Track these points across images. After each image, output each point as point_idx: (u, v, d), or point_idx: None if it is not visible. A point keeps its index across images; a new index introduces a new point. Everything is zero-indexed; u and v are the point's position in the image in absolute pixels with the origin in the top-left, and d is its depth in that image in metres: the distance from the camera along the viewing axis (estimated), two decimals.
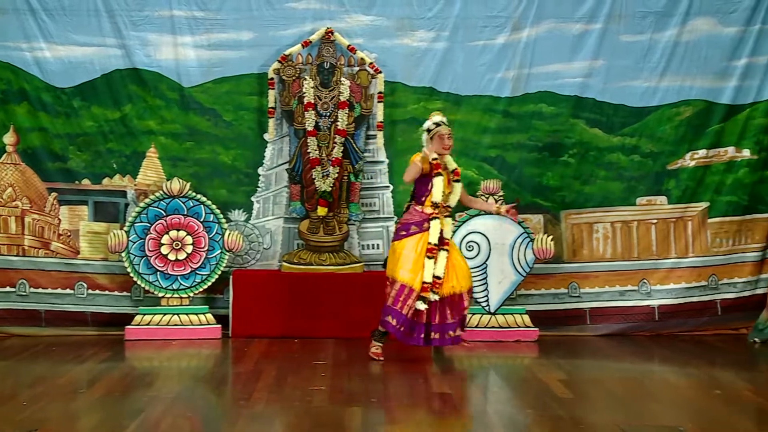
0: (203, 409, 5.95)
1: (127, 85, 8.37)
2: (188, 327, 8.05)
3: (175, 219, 8.17)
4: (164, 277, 8.12)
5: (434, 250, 6.96)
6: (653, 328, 8.46)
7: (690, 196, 8.53)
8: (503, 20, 8.48)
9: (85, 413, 5.68)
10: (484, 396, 6.46)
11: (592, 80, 8.49)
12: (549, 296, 8.49)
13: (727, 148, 8.55)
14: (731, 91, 8.50)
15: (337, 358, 7.25)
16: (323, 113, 8.38)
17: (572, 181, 8.52)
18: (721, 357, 7.71)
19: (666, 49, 8.48)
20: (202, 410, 5.92)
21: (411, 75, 8.51)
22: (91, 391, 6.15)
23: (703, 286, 8.51)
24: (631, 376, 6.89)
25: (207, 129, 8.50)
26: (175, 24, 8.40)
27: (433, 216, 7.02)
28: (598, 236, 8.55)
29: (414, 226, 7.06)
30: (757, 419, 5.73)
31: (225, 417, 5.72)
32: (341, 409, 5.66)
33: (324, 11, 8.48)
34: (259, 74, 8.44)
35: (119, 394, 6.07)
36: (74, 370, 6.83)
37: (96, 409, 5.74)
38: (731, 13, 8.46)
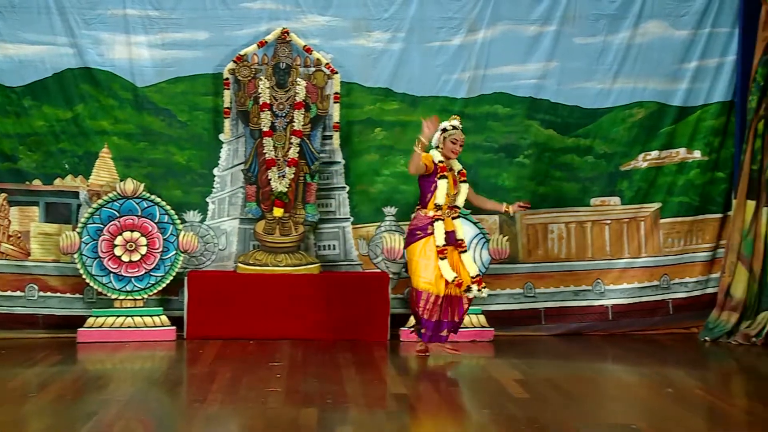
0: (157, 412, 5.89)
1: (79, 84, 8.27)
2: (142, 329, 7.97)
3: (129, 220, 8.08)
4: (118, 279, 8.03)
5: (444, 251, 7.08)
6: (607, 328, 8.54)
7: (643, 196, 8.62)
8: (459, 21, 8.50)
9: (36, 417, 5.59)
10: (440, 396, 6.46)
11: (547, 82, 8.55)
12: (504, 296, 8.53)
13: (678, 149, 8.66)
14: (682, 94, 8.61)
15: (293, 359, 7.22)
16: (279, 114, 8.34)
17: (527, 181, 8.57)
18: (673, 356, 7.80)
19: (619, 52, 8.56)
20: (156, 412, 5.86)
21: (367, 76, 8.50)
22: (41, 394, 6.06)
23: (655, 285, 8.61)
24: (586, 376, 6.94)
25: (161, 129, 8.42)
26: (129, 23, 8.32)
27: (436, 218, 7.12)
28: (552, 236, 8.61)
29: (419, 231, 7.19)
30: (708, 417, 5.81)
31: (179, 419, 5.67)
32: (296, 411, 5.63)
33: (280, 11, 8.44)
34: (215, 74, 8.39)
35: (71, 397, 5.98)
36: (24, 373, 6.72)
37: (47, 413, 5.65)
38: (682, 16, 8.57)
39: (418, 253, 7.14)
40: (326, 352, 7.48)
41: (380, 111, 8.55)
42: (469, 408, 6.03)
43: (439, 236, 7.10)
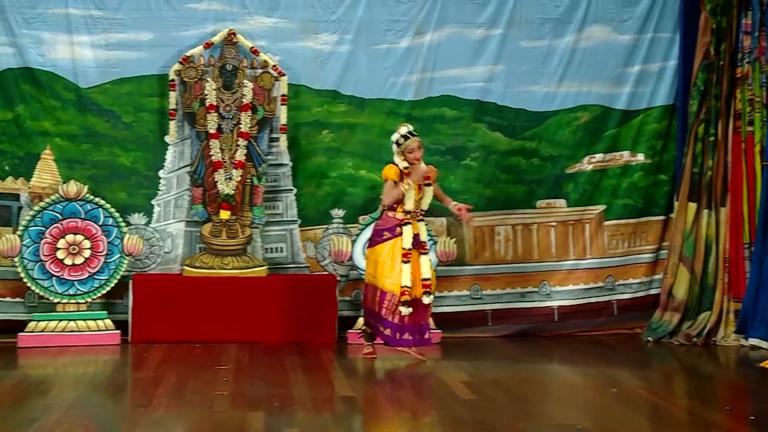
0: (101, 417, 5.80)
1: (19, 84, 8.13)
2: (86, 333, 7.86)
3: (72, 223, 7.96)
4: (60, 283, 7.91)
5: (409, 254, 7.08)
6: (553, 329, 8.61)
7: (587, 199, 8.72)
8: (406, 24, 8.53)
9: None
10: (387, 398, 6.46)
11: (494, 85, 8.61)
12: (452, 298, 8.56)
13: (622, 152, 8.77)
14: (626, 97, 8.72)
15: (239, 362, 7.18)
16: (226, 116, 8.29)
17: (474, 184, 8.62)
18: (617, 356, 7.90)
19: (564, 55, 8.66)
20: (99, 418, 5.77)
21: (315, 78, 8.48)
22: None
23: (600, 287, 8.71)
24: (532, 377, 6.99)
25: (105, 131, 8.31)
26: (71, 23, 8.21)
27: (405, 221, 7.12)
28: (499, 239, 8.67)
29: (387, 232, 7.17)
30: (651, 416, 5.88)
31: (123, 424, 5.59)
32: (243, 414, 5.59)
33: (226, 12, 8.38)
34: (160, 75, 8.30)
35: (11, 403, 5.87)
36: None
37: None
38: (625, 21, 8.69)
39: (384, 254, 7.13)
40: (273, 355, 7.44)
41: (328, 113, 8.54)
42: (417, 410, 6.03)
43: (407, 240, 7.11)
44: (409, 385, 6.86)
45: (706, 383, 7.01)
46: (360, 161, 8.56)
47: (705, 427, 5.54)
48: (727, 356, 7.80)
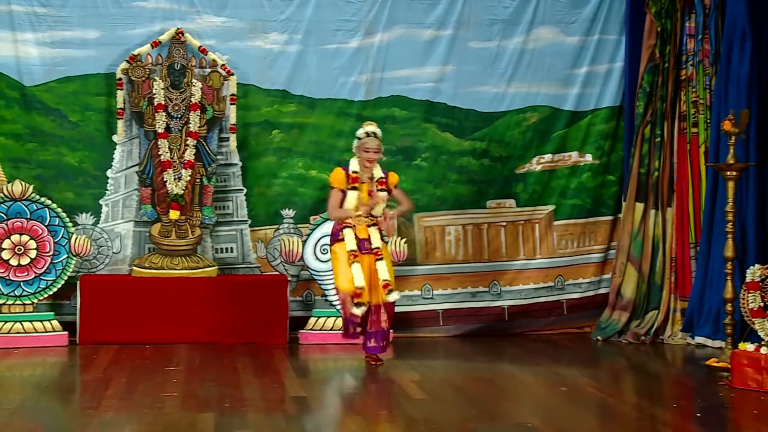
0: (48, 420, 5.73)
1: None
2: (32, 335, 7.75)
3: (18, 223, 7.85)
4: (5, 283, 7.79)
5: (356, 254, 6.97)
6: (504, 328, 8.68)
7: (537, 199, 8.80)
8: (355, 24, 8.53)
9: None
10: (338, 398, 6.47)
11: (443, 85, 8.65)
12: (403, 298, 8.50)
13: (571, 153, 8.87)
14: (574, 98, 8.82)
15: (190, 363, 7.13)
16: (174, 115, 8.22)
17: (425, 184, 8.66)
18: (567, 355, 7.99)
19: (513, 57, 8.73)
20: (46, 420, 5.70)
21: (264, 77, 8.46)
22: None
23: (550, 286, 8.79)
24: (483, 376, 7.04)
25: (51, 130, 8.20)
26: (15, 20, 8.10)
27: (345, 225, 7.04)
28: (450, 239, 8.71)
29: (340, 232, 7.10)
30: (600, 414, 5.97)
31: (72, 427, 5.53)
32: (194, 416, 5.56)
33: (174, 11, 8.32)
34: (107, 74, 8.22)
35: None
36: None
37: None
38: (572, 23, 8.79)
39: (337, 256, 7.07)
40: (224, 356, 7.40)
41: (277, 113, 8.51)
42: (368, 409, 6.04)
43: (349, 242, 7.03)
44: (360, 385, 6.87)
45: (654, 381, 7.12)
46: (310, 161, 8.55)
47: (652, 424, 5.63)
48: (674, 354, 7.93)
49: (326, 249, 8.12)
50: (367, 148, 7.06)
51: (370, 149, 7.06)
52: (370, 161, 7.07)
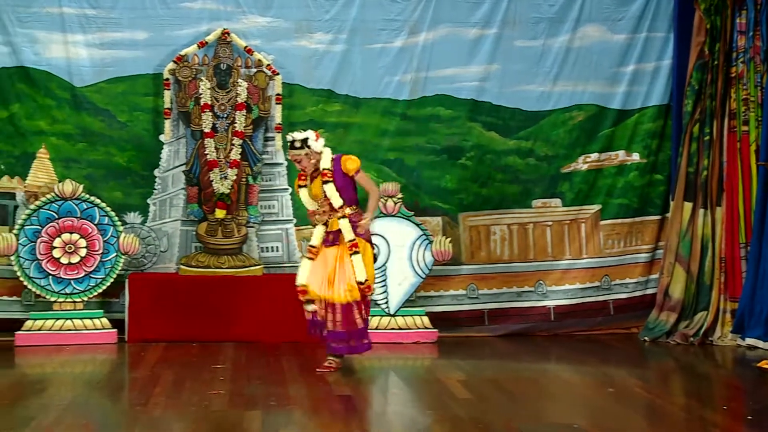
0: (98, 416, 5.80)
1: (14, 83, 8.14)
2: (82, 332, 7.85)
3: (68, 222, 7.96)
4: (56, 281, 7.90)
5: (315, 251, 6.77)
6: (549, 328, 8.63)
7: (583, 198, 8.74)
8: (400, 24, 8.54)
9: None
10: (384, 397, 6.47)
11: (488, 84, 8.62)
12: (448, 297, 8.57)
13: (617, 151, 8.79)
14: (621, 97, 8.74)
15: (236, 361, 7.17)
16: (220, 115, 8.29)
17: (470, 183, 8.63)
18: (614, 355, 7.92)
19: (558, 55, 8.67)
20: (96, 417, 5.77)
21: (309, 77, 8.49)
22: None
23: (596, 286, 8.73)
24: (528, 376, 7.00)
25: (101, 130, 8.31)
26: (66, 21, 8.21)
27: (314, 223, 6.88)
28: (495, 238, 8.68)
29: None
30: (648, 415, 5.90)
31: (121, 423, 5.58)
32: (240, 414, 5.59)
33: (220, 12, 8.39)
34: (155, 75, 8.31)
35: (9, 402, 5.86)
36: None
37: None
38: (619, 20, 8.71)
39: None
40: (270, 354, 7.44)
41: (322, 112, 8.54)
42: (414, 409, 6.04)
43: (314, 237, 6.82)
44: (405, 383, 6.87)
45: (703, 382, 7.03)
46: None
47: (702, 426, 5.55)
48: (724, 356, 7.82)
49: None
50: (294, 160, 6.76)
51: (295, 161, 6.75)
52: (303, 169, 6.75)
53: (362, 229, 6.68)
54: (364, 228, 6.69)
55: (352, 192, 6.79)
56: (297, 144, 6.65)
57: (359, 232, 6.70)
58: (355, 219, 6.70)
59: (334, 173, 6.68)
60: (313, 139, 6.67)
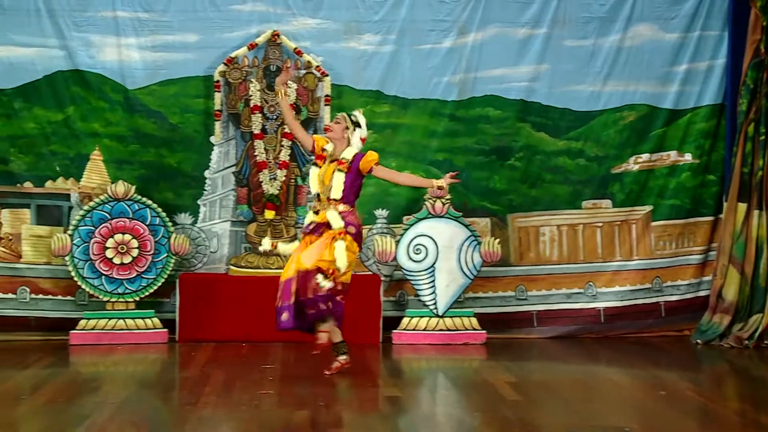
0: (150, 415, 5.87)
1: (69, 86, 8.26)
2: (134, 331, 7.95)
3: (121, 222, 8.07)
4: (109, 281, 8.01)
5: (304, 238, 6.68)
6: (599, 330, 8.56)
7: (634, 199, 8.65)
8: (449, 24, 8.52)
9: (29, 420, 5.57)
10: (432, 398, 6.47)
11: (538, 84, 8.57)
12: (497, 299, 8.54)
13: (669, 152, 8.69)
14: (673, 96, 8.63)
15: (285, 362, 7.22)
16: (270, 116, 8.35)
17: (519, 184, 8.59)
18: (666, 358, 7.82)
19: (609, 54, 8.59)
20: (148, 415, 5.84)
21: (358, 78, 8.51)
22: (34, 397, 6.05)
23: (647, 288, 8.63)
24: (578, 378, 6.96)
25: (153, 131, 8.41)
26: (119, 25, 8.31)
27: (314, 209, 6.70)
28: (544, 239, 8.63)
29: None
30: (700, 419, 5.83)
31: (172, 422, 5.65)
32: (289, 413, 5.63)
33: (270, 14, 8.44)
34: (206, 77, 8.38)
35: (64, 400, 5.96)
36: (17, 376, 6.70)
37: (40, 415, 5.64)
38: (671, 19, 8.60)
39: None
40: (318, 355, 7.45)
41: (371, 113, 8.51)
42: (462, 410, 6.03)
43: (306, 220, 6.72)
44: (454, 385, 6.86)
45: (759, 386, 6.92)
46: (404, 161, 8.57)
47: (756, 430, 5.47)
48: None
49: (419, 249, 8.17)
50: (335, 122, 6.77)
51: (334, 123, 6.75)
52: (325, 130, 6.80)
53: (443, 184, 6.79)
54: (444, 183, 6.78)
55: (354, 194, 6.70)
56: (353, 117, 6.73)
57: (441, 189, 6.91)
58: (348, 218, 6.59)
59: (350, 167, 6.62)
60: (361, 128, 6.72)
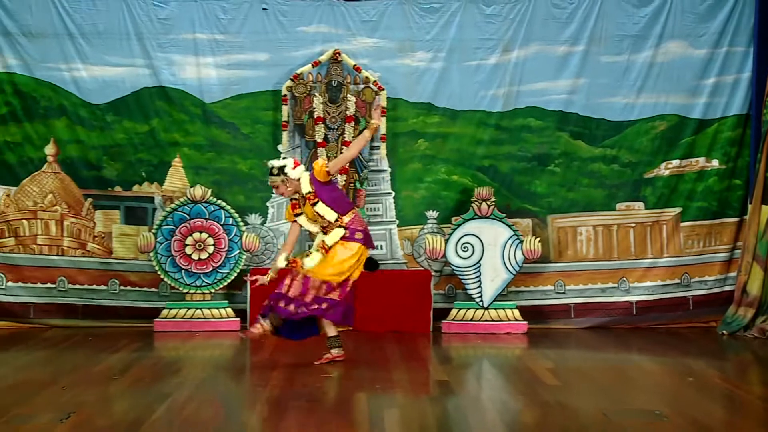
0: (225, 394, 5.96)
1: (154, 101, 8.40)
2: (210, 320, 8.06)
3: (198, 222, 8.19)
4: (188, 275, 8.14)
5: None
6: (631, 322, 8.47)
7: (665, 202, 8.54)
8: (494, 43, 8.50)
9: (119, 398, 5.69)
10: (478, 383, 6.47)
11: (576, 97, 8.51)
12: (537, 293, 8.49)
13: (698, 158, 8.56)
14: (701, 107, 8.51)
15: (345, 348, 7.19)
16: (331, 126, 8.41)
17: (558, 188, 8.54)
18: (694, 347, 7.71)
19: (642, 69, 8.49)
20: (224, 395, 5.93)
21: (411, 92, 8.52)
22: (123, 377, 6.18)
23: (676, 283, 8.51)
24: (612, 365, 6.89)
25: (227, 141, 8.52)
26: (198, 46, 8.43)
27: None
28: (581, 238, 8.57)
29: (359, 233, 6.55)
30: (726, 403, 5.75)
31: (244, 401, 5.73)
32: (349, 395, 5.67)
33: (332, 34, 8.50)
34: (274, 91, 8.47)
35: (149, 380, 6.08)
36: (109, 358, 6.85)
37: (128, 394, 5.76)
38: (701, 36, 8.48)
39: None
40: (375, 343, 7.50)
41: (423, 124, 8.57)
42: (506, 393, 6.02)
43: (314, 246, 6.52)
44: (498, 371, 6.85)
45: None
46: (452, 167, 8.58)
47: None
48: None
49: (467, 247, 8.17)
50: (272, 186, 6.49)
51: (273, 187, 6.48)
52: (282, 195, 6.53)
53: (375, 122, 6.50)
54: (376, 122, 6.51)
55: (343, 199, 6.52)
56: (274, 171, 6.33)
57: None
58: (354, 226, 6.39)
59: (316, 191, 6.35)
60: (290, 167, 6.33)
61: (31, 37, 8.26)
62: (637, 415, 5.25)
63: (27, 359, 6.87)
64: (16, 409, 5.19)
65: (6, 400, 5.43)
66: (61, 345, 7.44)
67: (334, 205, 6.41)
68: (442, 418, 5.28)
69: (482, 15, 8.47)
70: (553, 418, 5.18)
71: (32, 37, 8.26)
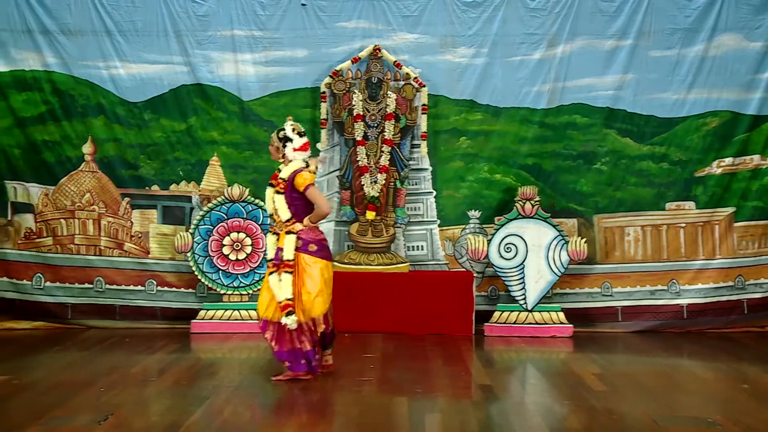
0: (262, 398, 5.97)
1: (192, 99, 8.46)
2: (248, 321, 8.08)
3: (236, 222, 8.23)
4: (226, 276, 8.18)
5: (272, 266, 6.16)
6: (682, 326, 8.34)
7: (717, 201, 8.40)
8: (539, 37, 8.42)
9: (156, 400, 5.74)
10: (522, 388, 6.41)
11: (623, 93, 8.40)
12: (583, 295, 8.40)
13: (752, 156, 8.40)
14: (756, 103, 8.35)
15: (384, 351, 7.25)
16: (371, 124, 8.40)
17: (605, 187, 8.44)
18: (748, 353, 7.57)
19: (693, 64, 8.36)
20: (261, 398, 5.94)
21: (453, 88, 8.49)
22: (161, 379, 6.23)
23: (730, 286, 8.37)
24: (662, 370, 6.79)
25: (265, 139, 8.51)
26: (236, 43, 8.46)
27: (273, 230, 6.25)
28: (629, 239, 8.46)
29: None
30: None
31: (282, 405, 5.73)
32: (389, 399, 5.66)
33: (372, 30, 8.49)
34: (313, 88, 8.48)
35: (186, 382, 6.12)
36: (146, 360, 6.92)
37: (166, 396, 5.80)
38: (756, 28, 8.32)
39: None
40: (415, 346, 7.48)
41: (465, 121, 8.53)
42: (550, 399, 5.96)
43: (268, 248, 6.23)
44: (543, 375, 6.78)
45: None
46: (495, 166, 8.52)
47: None
48: None
49: (510, 248, 8.10)
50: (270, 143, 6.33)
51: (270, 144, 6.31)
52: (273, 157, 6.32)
53: (302, 227, 6.08)
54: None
55: (305, 209, 6.15)
56: (280, 135, 6.22)
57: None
58: (306, 237, 6.08)
59: (287, 186, 6.11)
60: (291, 149, 6.14)
61: (69, 34, 8.36)
62: (689, 422, 5.17)
63: (65, 360, 6.96)
64: (54, 411, 5.26)
65: (44, 402, 5.50)
66: (99, 346, 7.52)
67: (292, 208, 6.16)
68: (485, 424, 5.24)
69: (526, 9, 8.40)
70: (600, 424, 5.12)
71: (71, 35, 8.36)
